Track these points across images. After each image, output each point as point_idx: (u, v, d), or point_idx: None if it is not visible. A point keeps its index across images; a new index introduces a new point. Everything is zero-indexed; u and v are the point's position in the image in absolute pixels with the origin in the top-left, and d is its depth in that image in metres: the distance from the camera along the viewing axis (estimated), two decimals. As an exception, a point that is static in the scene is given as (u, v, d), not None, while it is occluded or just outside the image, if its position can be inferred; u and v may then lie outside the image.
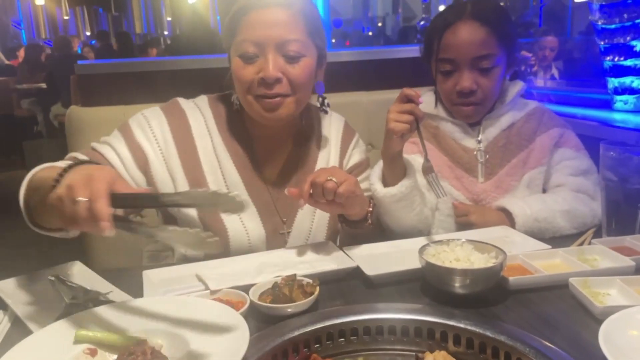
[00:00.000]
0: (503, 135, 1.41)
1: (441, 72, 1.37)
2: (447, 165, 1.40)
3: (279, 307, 0.90)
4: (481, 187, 1.38)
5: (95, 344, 0.77)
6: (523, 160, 1.39)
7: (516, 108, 1.44)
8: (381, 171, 1.27)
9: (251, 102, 1.17)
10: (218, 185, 1.23)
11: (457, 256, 0.98)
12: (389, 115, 1.18)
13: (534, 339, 0.78)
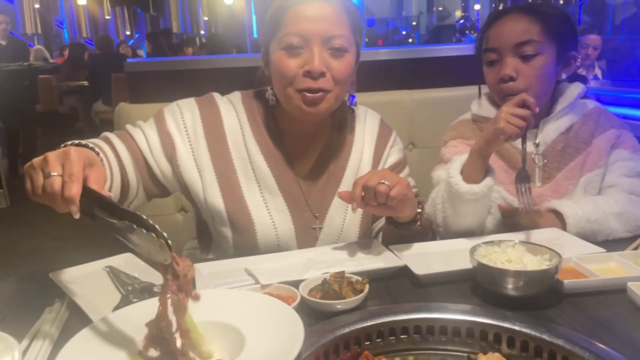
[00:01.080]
0: (561, 139, 1.38)
1: (486, 63, 1.37)
2: (504, 169, 1.39)
3: (329, 303, 0.90)
4: (538, 191, 1.36)
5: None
6: (580, 164, 1.37)
7: (575, 110, 1.41)
8: (462, 166, 1.25)
9: (291, 95, 1.17)
10: (248, 179, 1.24)
11: (509, 257, 0.96)
12: (500, 115, 1.17)
13: (592, 344, 0.76)
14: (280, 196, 1.25)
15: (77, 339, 0.75)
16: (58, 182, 0.77)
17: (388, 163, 1.36)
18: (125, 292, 0.96)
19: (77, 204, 0.75)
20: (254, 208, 1.23)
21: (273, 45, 1.20)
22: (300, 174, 1.29)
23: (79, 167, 0.78)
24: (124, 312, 0.84)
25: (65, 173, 0.77)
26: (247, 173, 1.24)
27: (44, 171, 0.79)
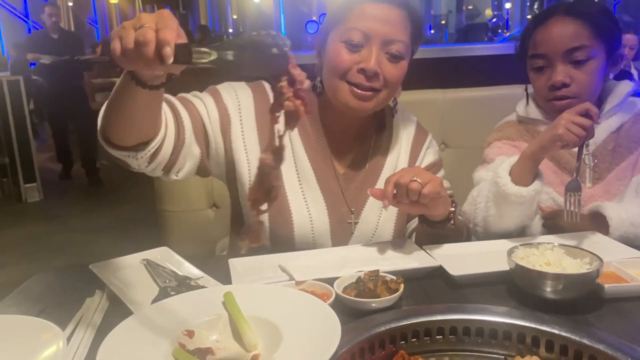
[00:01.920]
0: (612, 138, 1.36)
1: (533, 69, 1.34)
2: (553, 170, 1.37)
3: (365, 301, 0.90)
4: (589, 192, 1.33)
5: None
6: (632, 163, 1.34)
7: (624, 109, 1.37)
8: (510, 167, 1.23)
9: (341, 86, 1.17)
10: (289, 169, 1.25)
11: (547, 260, 0.95)
12: (560, 121, 1.15)
13: (635, 349, 0.74)
14: (318, 190, 1.26)
15: (118, 330, 0.77)
16: (152, 31, 0.72)
17: (424, 164, 1.36)
18: (162, 285, 0.97)
19: (172, 46, 0.71)
20: (292, 199, 1.24)
21: (333, 35, 1.20)
22: (339, 169, 1.30)
23: (173, 21, 0.74)
24: (163, 304, 0.85)
25: (159, 24, 0.73)
26: (289, 163, 1.25)
27: (136, 26, 0.74)
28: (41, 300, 0.99)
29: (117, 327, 0.78)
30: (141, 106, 0.96)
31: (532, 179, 1.21)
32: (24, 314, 0.90)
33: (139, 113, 0.97)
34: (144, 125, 1.02)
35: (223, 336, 0.81)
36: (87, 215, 4.62)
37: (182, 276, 1.01)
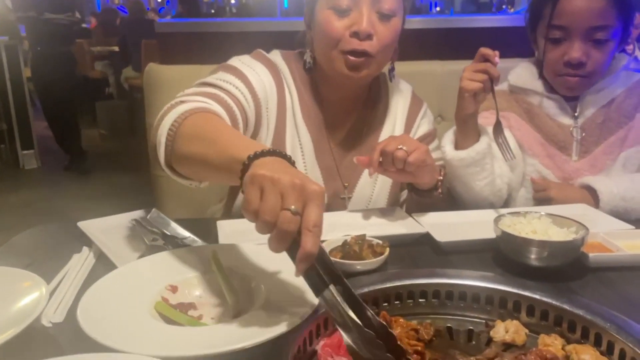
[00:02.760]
0: (602, 112, 1.34)
1: (550, 39, 1.30)
2: (539, 142, 1.36)
3: (349, 263, 0.91)
4: (574, 165, 1.33)
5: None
6: (621, 139, 1.33)
7: (617, 83, 1.36)
8: (454, 135, 1.24)
9: (335, 57, 1.15)
10: (293, 145, 1.23)
11: (534, 228, 0.95)
12: (463, 74, 1.17)
13: (616, 315, 0.75)
14: (316, 164, 1.25)
15: (101, 282, 0.77)
16: (297, 224, 0.62)
17: (418, 134, 1.35)
18: (149, 243, 0.97)
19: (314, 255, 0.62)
20: None
21: (320, 4, 1.17)
22: (334, 143, 1.29)
23: (321, 219, 0.64)
24: (148, 259, 0.86)
25: (308, 218, 0.62)
26: (293, 138, 1.24)
27: (284, 200, 0.63)
28: (28, 255, 0.99)
29: (100, 279, 0.78)
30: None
31: (475, 142, 1.21)
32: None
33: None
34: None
35: (206, 293, 0.82)
36: (84, 182, 4.63)
37: (170, 236, 1.01)
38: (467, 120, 1.21)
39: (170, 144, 0.91)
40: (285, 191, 0.63)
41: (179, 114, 0.93)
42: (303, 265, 0.62)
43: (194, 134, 0.89)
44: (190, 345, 0.63)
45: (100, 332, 0.63)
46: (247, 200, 0.65)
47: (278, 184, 0.63)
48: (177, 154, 0.91)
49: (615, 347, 0.71)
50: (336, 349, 0.75)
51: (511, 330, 0.79)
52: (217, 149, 0.81)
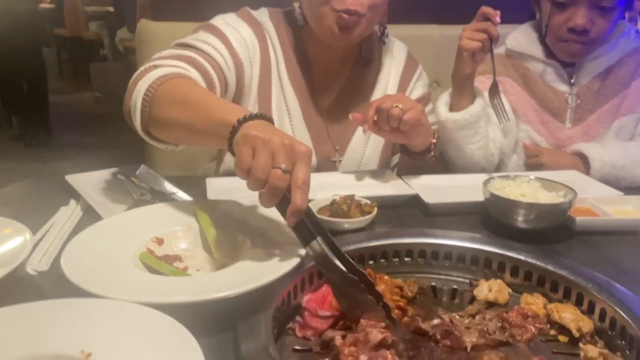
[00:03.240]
0: (598, 79, 1.33)
1: (556, 3, 1.27)
2: (534, 108, 1.35)
3: (337, 221, 0.91)
4: (568, 133, 1.32)
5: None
6: (616, 107, 1.32)
7: (615, 50, 1.34)
8: (449, 97, 1.23)
9: (326, 14, 1.10)
10: (279, 107, 1.21)
11: (522, 192, 0.95)
12: (462, 33, 1.15)
13: (598, 277, 0.76)
14: (305, 128, 1.23)
15: (86, 232, 0.77)
16: (287, 181, 0.67)
17: (412, 97, 1.33)
18: (137, 197, 0.97)
19: (303, 211, 0.67)
20: None
21: None
22: (323, 105, 1.27)
23: (309, 177, 0.69)
24: (134, 212, 0.86)
25: (297, 176, 0.67)
26: (279, 101, 1.21)
27: (275, 159, 0.67)
28: (14, 207, 0.98)
29: (86, 229, 0.78)
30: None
31: (470, 105, 1.20)
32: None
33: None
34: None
35: (193, 246, 0.82)
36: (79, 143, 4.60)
37: (158, 191, 1.01)
38: (463, 81, 1.19)
39: (146, 109, 0.90)
40: (275, 151, 0.67)
41: (154, 79, 0.91)
42: (293, 219, 0.67)
43: (173, 99, 0.89)
44: (173, 292, 0.63)
45: (83, 278, 0.63)
46: (240, 159, 0.69)
47: (269, 144, 0.68)
48: (155, 119, 0.91)
49: (596, 306, 0.72)
50: (320, 303, 0.76)
51: (494, 289, 0.80)
52: (202, 114, 0.83)
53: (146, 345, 0.52)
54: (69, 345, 0.52)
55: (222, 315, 0.64)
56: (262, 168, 0.67)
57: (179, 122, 0.87)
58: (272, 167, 0.67)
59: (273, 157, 0.67)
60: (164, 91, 0.90)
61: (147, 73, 0.94)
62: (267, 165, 0.67)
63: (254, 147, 0.68)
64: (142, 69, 0.98)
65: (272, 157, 0.67)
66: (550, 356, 0.68)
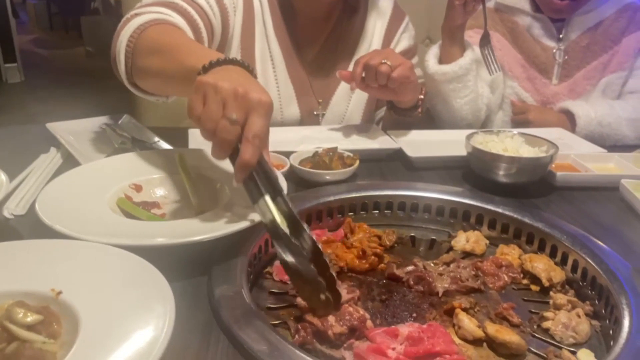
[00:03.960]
0: (587, 35, 1.31)
1: None
2: (520, 64, 1.33)
3: (318, 172, 0.90)
4: (554, 89, 1.31)
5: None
6: (604, 64, 1.30)
7: (607, 4, 1.31)
8: (439, 49, 1.21)
9: None
10: (263, 57, 1.19)
11: (505, 147, 0.94)
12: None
13: (572, 229, 0.76)
14: (288, 80, 1.21)
15: (64, 177, 0.77)
16: (236, 133, 0.62)
17: (397, 49, 1.30)
18: (118, 145, 0.96)
19: (249, 171, 0.62)
20: (264, 86, 1.18)
21: None
22: (307, 58, 1.24)
23: (266, 133, 0.64)
24: (113, 159, 0.85)
25: (248, 128, 0.61)
26: (264, 53, 1.19)
27: (225, 108, 0.62)
28: (-5, 153, 0.98)
29: (63, 174, 0.77)
30: None
31: (459, 57, 1.18)
32: (-25, 163, 0.89)
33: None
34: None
35: (171, 193, 0.81)
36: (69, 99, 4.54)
37: (139, 140, 1.00)
38: (454, 32, 1.17)
39: (129, 59, 0.88)
40: (226, 99, 0.62)
41: (135, 27, 0.88)
42: (240, 174, 0.62)
43: (152, 47, 0.85)
44: (147, 236, 0.63)
45: (57, 220, 0.63)
46: (189, 107, 0.64)
47: (220, 91, 0.62)
48: (137, 69, 0.87)
49: (569, 258, 0.73)
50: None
51: (472, 240, 0.80)
52: (175, 61, 0.78)
53: (116, 284, 0.53)
54: (39, 283, 0.52)
55: (198, 260, 0.65)
56: (209, 118, 0.62)
57: (155, 71, 0.84)
58: (221, 117, 0.61)
59: (224, 107, 0.62)
60: (144, 39, 0.87)
61: (129, 22, 0.91)
62: (215, 115, 0.61)
63: (205, 94, 0.63)
64: (124, 18, 0.94)
65: (222, 106, 0.62)
66: (520, 303, 0.69)
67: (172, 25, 0.94)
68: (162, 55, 0.83)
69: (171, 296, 0.51)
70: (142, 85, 0.91)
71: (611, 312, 0.63)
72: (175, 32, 0.92)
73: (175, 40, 0.87)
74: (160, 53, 0.83)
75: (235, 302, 0.58)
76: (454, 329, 0.62)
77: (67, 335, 0.48)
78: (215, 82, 0.63)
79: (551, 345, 0.61)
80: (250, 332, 0.53)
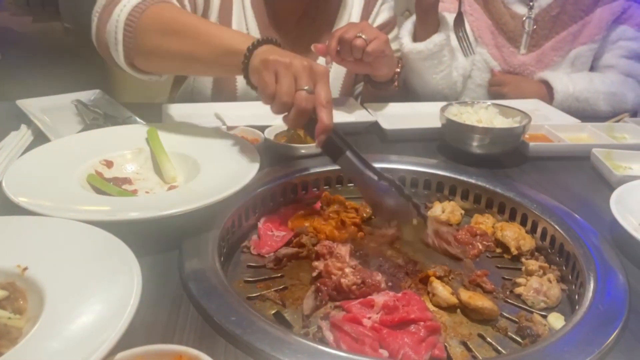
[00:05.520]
0: (558, 3, 1.29)
1: None
2: (490, 30, 1.31)
3: (293, 146, 0.90)
4: (521, 59, 1.30)
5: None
6: (574, 34, 1.29)
7: None
8: (413, 26, 1.20)
9: None
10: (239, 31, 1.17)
11: (479, 118, 0.95)
12: None
13: (542, 198, 0.77)
14: None
15: (32, 153, 0.76)
16: (312, 102, 0.69)
17: (377, 22, 1.29)
18: (90, 121, 0.95)
19: (331, 126, 0.68)
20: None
21: None
22: (285, 34, 1.22)
23: (331, 95, 0.71)
24: (83, 135, 0.84)
25: (320, 96, 0.69)
26: (240, 26, 1.17)
27: (298, 81, 0.69)
28: (-37, 131, 0.96)
29: (31, 150, 0.76)
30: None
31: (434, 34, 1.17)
32: (-58, 141, 0.87)
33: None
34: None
35: (143, 169, 0.81)
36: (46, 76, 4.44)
37: (111, 116, 0.99)
38: (427, 10, 1.15)
39: (130, 40, 0.84)
40: (298, 73, 0.69)
41: (132, 6, 0.84)
42: (323, 136, 0.69)
43: (163, 29, 0.83)
44: (118, 211, 0.63)
45: (24, 196, 0.62)
46: (265, 85, 0.70)
47: (291, 67, 0.69)
48: (143, 50, 0.85)
49: (538, 225, 0.74)
50: (276, 224, 0.77)
51: (447, 210, 0.81)
52: (204, 43, 0.80)
53: (82, 259, 0.53)
54: (5, 259, 0.52)
55: (169, 235, 0.64)
56: (287, 91, 0.68)
57: (176, 53, 0.82)
58: (296, 89, 0.68)
59: (296, 80, 0.69)
60: (149, 19, 0.84)
61: (118, 2, 0.86)
62: (291, 88, 0.68)
63: (276, 71, 0.69)
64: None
65: (294, 80, 0.69)
66: (494, 270, 0.70)
67: (169, 3, 0.90)
68: (184, 37, 0.81)
69: (138, 269, 0.50)
70: (143, 65, 0.88)
71: (577, 277, 0.65)
72: (183, 11, 0.90)
73: (192, 21, 0.85)
74: (181, 34, 0.82)
75: (206, 275, 0.58)
76: (429, 296, 0.64)
77: (33, 311, 0.48)
78: (283, 59, 0.69)
79: (523, 309, 0.63)
80: (219, 303, 0.54)
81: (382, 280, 0.62)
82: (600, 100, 1.22)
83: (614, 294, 0.58)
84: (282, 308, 0.62)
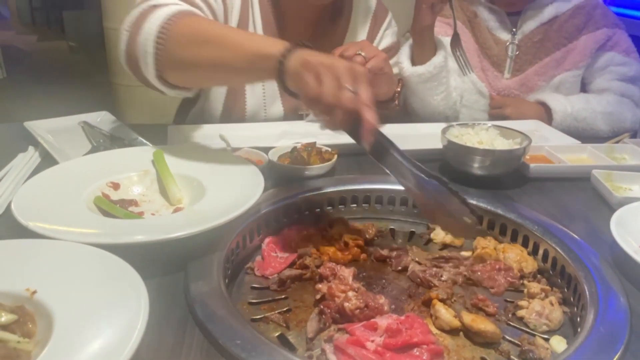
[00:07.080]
0: (541, 30, 1.31)
1: None
2: (477, 54, 1.34)
3: (296, 167, 0.91)
4: (505, 83, 1.32)
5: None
6: (557, 61, 1.31)
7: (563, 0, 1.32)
8: (410, 50, 1.22)
9: None
10: None
11: (480, 139, 0.96)
12: None
13: (543, 219, 0.78)
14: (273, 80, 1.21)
15: (41, 176, 0.77)
16: (355, 102, 0.68)
17: (381, 46, 1.32)
18: (96, 143, 0.96)
19: (374, 121, 0.69)
20: (249, 87, 1.19)
21: None
22: None
23: (372, 95, 0.71)
24: (90, 157, 0.85)
25: (363, 96, 0.69)
26: None
27: (341, 82, 0.68)
28: (-28, 153, 0.97)
29: (40, 173, 0.77)
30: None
31: (432, 56, 1.19)
32: (-49, 163, 0.89)
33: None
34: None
35: (149, 191, 0.82)
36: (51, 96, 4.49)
37: (118, 138, 1.00)
38: (423, 32, 1.18)
39: (162, 52, 0.84)
40: (340, 75, 0.68)
41: (163, 19, 0.84)
42: (370, 137, 0.69)
43: (195, 39, 0.83)
44: (125, 234, 0.64)
45: (32, 220, 0.63)
46: (308, 87, 0.69)
47: (333, 68, 0.69)
48: (175, 61, 0.85)
49: (540, 247, 0.75)
50: (279, 245, 0.78)
51: (449, 232, 0.82)
52: (236, 50, 0.80)
53: (90, 283, 0.53)
54: (14, 283, 0.53)
55: (175, 257, 0.65)
56: (331, 93, 0.67)
57: (207, 61, 0.82)
58: (339, 90, 0.68)
59: (338, 81, 0.68)
60: (180, 31, 0.84)
61: (148, 15, 0.86)
62: (335, 90, 0.68)
63: (318, 73, 0.69)
64: (140, 11, 0.89)
65: (338, 81, 0.68)
66: (496, 292, 0.71)
67: (198, 16, 0.92)
68: (215, 45, 0.82)
69: (145, 293, 0.51)
70: (174, 78, 0.88)
71: (579, 299, 0.65)
72: (212, 21, 0.92)
73: (221, 30, 0.87)
74: (211, 43, 0.82)
75: (211, 297, 0.59)
76: (432, 319, 0.64)
77: (41, 334, 0.49)
78: (324, 61, 0.70)
79: (525, 332, 0.63)
80: (225, 326, 0.54)
81: (385, 303, 0.63)
82: (599, 120, 1.23)
83: (615, 317, 0.58)
84: (286, 330, 0.62)
